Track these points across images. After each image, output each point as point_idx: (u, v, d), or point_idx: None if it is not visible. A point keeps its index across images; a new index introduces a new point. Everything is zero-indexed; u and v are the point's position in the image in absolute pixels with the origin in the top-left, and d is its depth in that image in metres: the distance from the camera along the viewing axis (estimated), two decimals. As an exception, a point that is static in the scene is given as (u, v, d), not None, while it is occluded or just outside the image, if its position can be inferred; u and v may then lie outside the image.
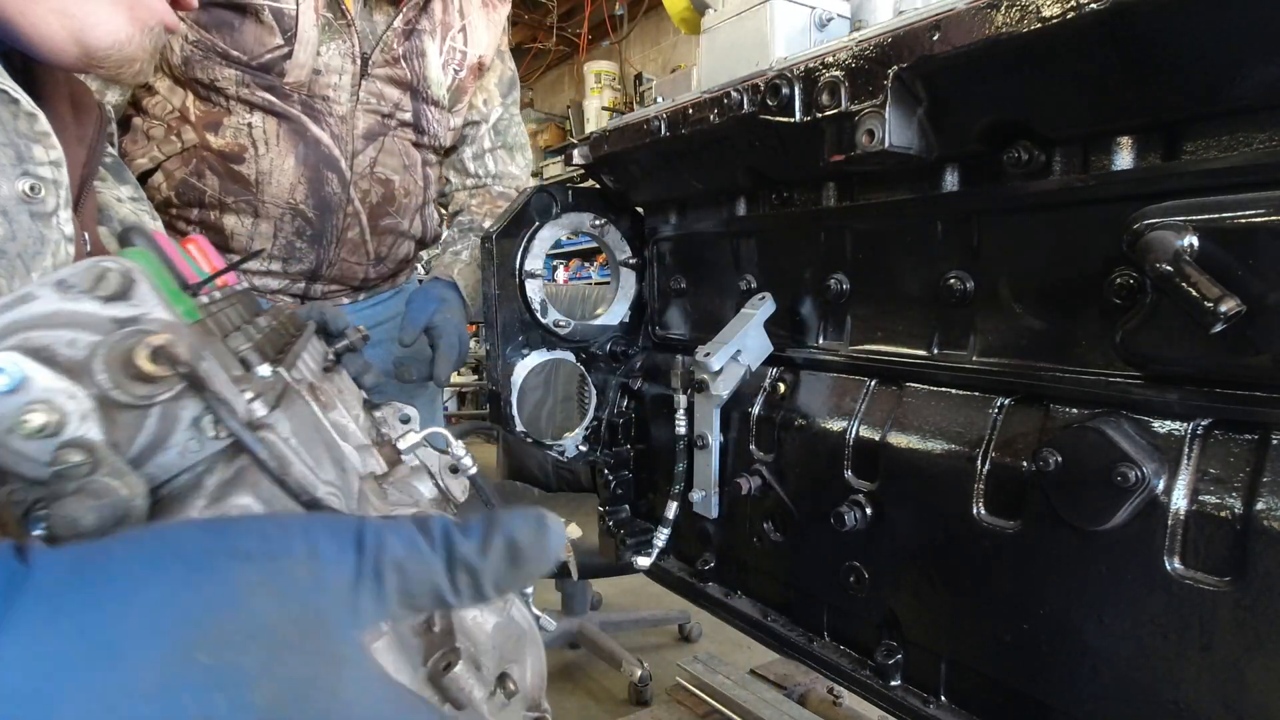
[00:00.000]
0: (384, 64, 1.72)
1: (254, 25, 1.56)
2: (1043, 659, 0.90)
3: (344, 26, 1.65)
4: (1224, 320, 0.69)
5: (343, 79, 1.68)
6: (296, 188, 1.69)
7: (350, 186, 1.76)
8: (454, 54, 1.84)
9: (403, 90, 1.78)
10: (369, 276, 1.94)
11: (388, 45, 1.71)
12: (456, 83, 1.86)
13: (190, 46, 1.56)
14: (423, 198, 1.96)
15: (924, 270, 1.06)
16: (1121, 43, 0.72)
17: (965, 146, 0.95)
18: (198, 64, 1.58)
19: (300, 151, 1.68)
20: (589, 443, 1.62)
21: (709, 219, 1.43)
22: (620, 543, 1.59)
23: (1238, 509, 0.74)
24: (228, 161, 1.64)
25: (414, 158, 1.88)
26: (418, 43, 1.75)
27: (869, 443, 1.11)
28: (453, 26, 1.83)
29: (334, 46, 1.64)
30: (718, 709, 2.41)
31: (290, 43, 1.58)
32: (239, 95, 1.61)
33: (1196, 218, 0.74)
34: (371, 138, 1.77)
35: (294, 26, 1.57)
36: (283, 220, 1.72)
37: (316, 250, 1.78)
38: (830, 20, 1.47)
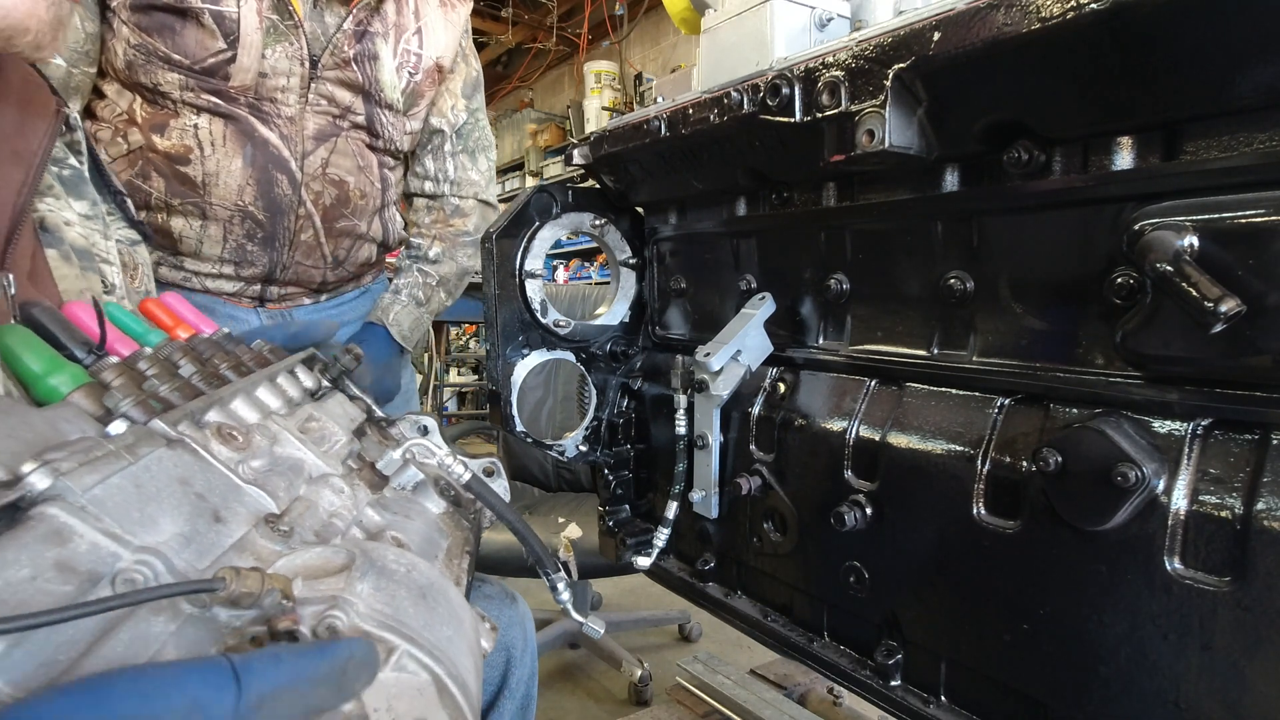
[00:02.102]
0: (334, 66, 1.70)
1: (195, 29, 1.54)
2: (1043, 659, 0.90)
3: (291, 28, 1.62)
4: (1224, 320, 0.69)
5: (290, 81, 1.65)
6: (245, 189, 1.67)
7: (301, 188, 1.73)
8: (408, 56, 1.81)
9: (354, 93, 1.75)
10: (327, 280, 1.91)
11: (338, 47, 1.68)
12: (412, 86, 1.83)
13: (132, 50, 1.54)
14: (381, 200, 1.93)
15: (924, 270, 1.06)
16: (1121, 43, 0.72)
17: (965, 146, 0.95)
18: (140, 67, 1.56)
19: (248, 152, 1.65)
20: (589, 443, 1.62)
21: (709, 219, 1.43)
22: (620, 543, 1.59)
23: (1238, 509, 0.74)
24: (173, 163, 1.62)
25: (369, 159, 1.85)
26: (369, 45, 1.72)
27: (869, 443, 1.11)
28: (407, 29, 1.79)
29: (280, 49, 1.62)
30: (718, 709, 2.41)
31: (233, 46, 1.56)
32: (183, 98, 1.60)
33: (1196, 218, 0.74)
34: (323, 138, 1.74)
35: (236, 30, 1.55)
36: (231, 223, 1.70)
37: (269, 253, 1.76)
38: (830, 20, 1.47)
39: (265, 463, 0.73)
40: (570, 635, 3.50)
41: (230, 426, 0.70)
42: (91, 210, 1.00)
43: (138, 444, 0.56)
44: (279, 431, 0.78)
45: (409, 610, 0.58)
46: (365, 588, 0.57)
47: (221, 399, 0.73)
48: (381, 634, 0.54)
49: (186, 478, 0.58)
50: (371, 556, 0.61)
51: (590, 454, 1.62)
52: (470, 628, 0.68)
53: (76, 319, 0.80)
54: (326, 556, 0.60)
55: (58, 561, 0.46)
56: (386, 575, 0.60)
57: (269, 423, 0.78)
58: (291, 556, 0.59)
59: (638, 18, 8.40)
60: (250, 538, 0.59)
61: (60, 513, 0.48)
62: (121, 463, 0.53)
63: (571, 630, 3.49)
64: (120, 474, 0.52)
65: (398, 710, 0.52)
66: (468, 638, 0.66)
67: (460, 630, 0.64)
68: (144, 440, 0.57)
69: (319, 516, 0.72)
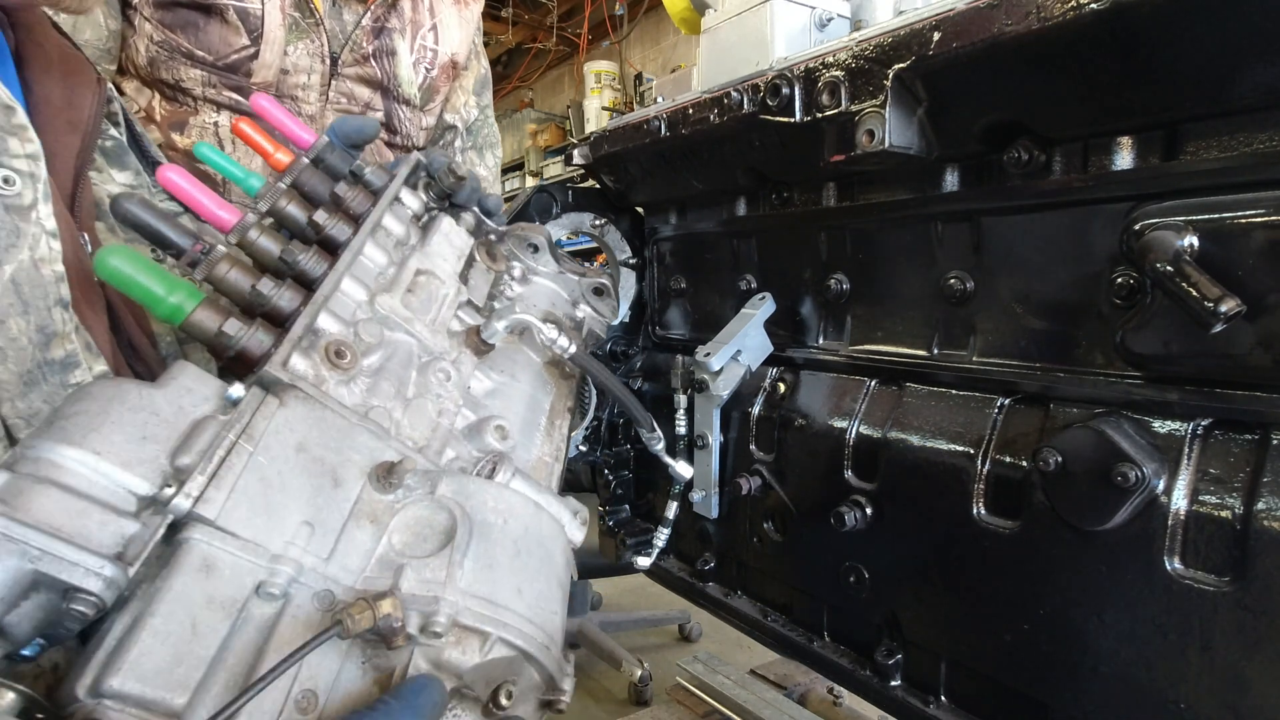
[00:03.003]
0: (354, 63, 1.70)
1: (219, 25, 1.54)
2: (1043, 659, 0.90)
3: (312, 25, 1.63)
4: (1224, 320, 0.69)
5: (311, 78, 1.66)
6: None
7: None
8: (425, 52, 1.82)
9: (373, 89, 1.76)
10: None
11: (357, 44, 1.69)
12: (428, 82, 1.85)
13: (155, 47, 1.55)
14: None
15: (924, 270, 1.06)
16: (1121, 43, 0.72)
17: (965, 146, 0.95)
18: (163, 64, 1.56)
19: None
20: (589, 443, 1.62)
21: (709, 219, 1.43)
22: (620, 543, 1.59)
23: (1238, 509, 0.74)
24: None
25: (385, 156, 1.86)
26: (387, 41, 1.73)
27: (869, 442, 1.11)
28: (423, 25, 1.81)
29: (302, 46, 1.62)
30: (718, 709, 2.41)
31: (256, 43, 1.56)
32: (205, 95, 1.59)
33: (1196, 218, 0.74)
34: None
35: (260, 26, 1.56)
36: None
37: None
38: (830, 20, 1.47)
39: (377, 359, 0.76)
40: (570, 635, 3.49)
41: (338, 342, 0.73)
42: (135, 180, 0.99)
43: (257, 418, 0.61)
44: (388, 314, 0.81)
45: (504, 578, 0.65)
46: (465, 570, 0.63)
47: (328, 297, 0.76)
48: (478, 626, 0.61)
49: (304, 442, 0.63)
50: (471, 512, 0.67)
51: (590, 454, 1.62)
52: (560, 556, 0.75)
53: (174, 187, 0.80)
54: (429, 519, 0.66)
55: (208, 598, 0.53)
56: (484, 536, 0.66)
57: (378, 303, 0.80)
58: (402, 517, 0.66)
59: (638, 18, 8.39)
60: (364, 500, 0.65)
61: (203, 540, 0.55)
62: (244, 454, 0.59)
63: (571, 630, 3.49)
64: (246, 473, 0.58)
65: (491, 677, 0.63)
66: (557, 572, 0.72)
67: (550, 567, 0.71)
68: (263, 409, 0.62)
69: (426, 420, 0.77)
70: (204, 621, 0.52)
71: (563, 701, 0.70)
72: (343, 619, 0.54)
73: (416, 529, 0.65)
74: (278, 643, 0.55)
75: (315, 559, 0.59)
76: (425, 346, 0.83)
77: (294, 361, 0.68)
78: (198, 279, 0.73)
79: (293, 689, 0.54)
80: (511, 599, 0.64)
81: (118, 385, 0.59)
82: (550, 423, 0.97)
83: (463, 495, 0.68)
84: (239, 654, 0.53)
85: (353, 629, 0.54)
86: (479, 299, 0.98)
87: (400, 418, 0.75)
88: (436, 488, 0.69)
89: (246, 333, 0.69)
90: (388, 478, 0.66)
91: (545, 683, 0.68)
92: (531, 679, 0.67)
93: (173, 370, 0.63)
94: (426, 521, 0.66)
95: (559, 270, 1.17)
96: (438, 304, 0.88)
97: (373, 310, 0.80)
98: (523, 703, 0.66)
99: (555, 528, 0.76)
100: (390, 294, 0.82)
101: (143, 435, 0.56)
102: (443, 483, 0.69)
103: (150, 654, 0.49)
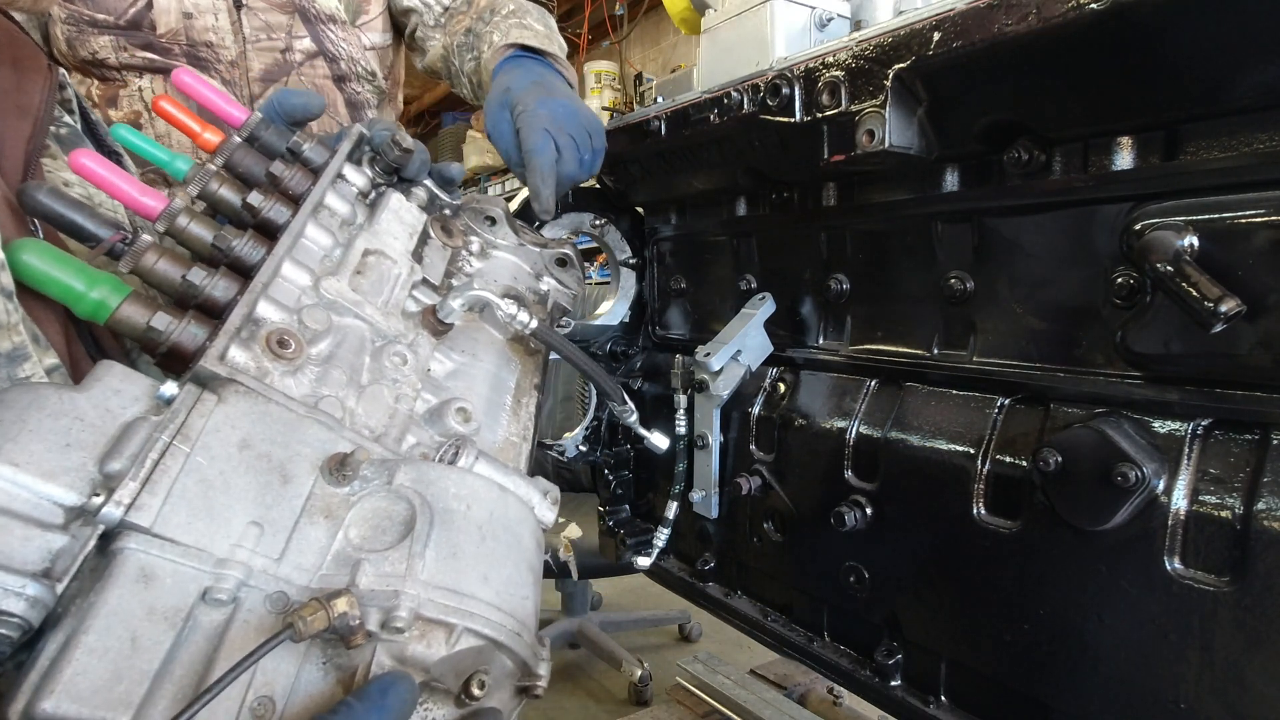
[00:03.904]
0: None
1: None
2: (1043, 659, 0.90)
3: None
4: (1224, 320, 0.69)
5: (219, 19, 1.56)
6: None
7: None
8: None
9: (289, 14, 1.62)
10: None
11: None
12: None
13: (67, 26, 1.50)
14: None
15: (924, 270, 1.06)
16: (1121, 43, 0.72)
17: (965, 146, 0.95)
18: (77, 41, 1.51)
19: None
20: (589, 443, 1.62)
21: (709, 219, 1.43)
22: (620, 543, 1.59)
23: (1238, 509, 0.74)
24: None
25: (331, 96, 1.71)
26: None
27: (869, 442, 1.11)
28: None
29: None
30: (718, 709, 2.41)
31: None
32: (121, 61, 1.53)
33: (1196, 218, 0.74)
34: (270, 79, 1.62)
35: None
36: None
37: None
38: (830, 20, 1.47)
39: (326, 346, 0.73)
40: (570, 635, 3.50)
41: (281, 331, 0.69)
42: None
43: (193, 416, 0.58)
44: (335, 298, 0.76)
45: (469, 566, 0.63)
46: (426, 561, 0.61)
47: (267, 284, 0.71)
48: (442, 618, 0.59)
49: (247, 438, 0.60)
50: (432, 501, 0.64)
51: (590, 454, 1.62)
52: (530, 538, 0.72)
53: (90, 174, 0.73)
54: (387, 510, 0.64)
55: (149, 609, 0.51)
56: (446, 524, 0.64)
57: (323, 287, 0.76)
58: (358, 510, 0.63)
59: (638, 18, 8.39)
60: (317, 494, 0.62)
61: (140, 549, 0.52)
62: (181, 456, 0.56)
63: (571, 630, 3.50)
64: (184, 475, 0.55)
65: (461, 669, 0.61)
66: (527, 556, 0.70)
67: (518, 551, 0.69)
68: (199, 407, 0.59)
69: (383, 407, 0.74)
70: (145, 634, 0.50)
71: (539, 687, 0.69)
72: (294, 621, 0.52)
73: (374, 521, 0.63)
74: (228, 650, 0.53)
75: (265, 560, 0.57)
76: (378, 330, 0.80)
77: (232, 354, 0.65)
78: (124, 271, 0.69)
79: (247, 696, 0.52)
80: (477, 587, 0.62)
81: (34, 391, 0.56)
82: (516, 401, 0.94)
83: (422, 484, 0.66)
84: (187, 665, 0.51)
85: (306, 631, 0.52)
86: (435, 277, 0.95)
87: (354, 406, 0.72)
88: (394, 477, 0.65)
89: (178, 326, 0.66)
90: (341, 470, 0.63)
91: (519, 669, 0.66)
92: (505, 666, 0.65)
93: (97, 371, 0.60)
94: (384, 513, 0.64)
95: (519, 243, 1.12)
96: (390, 285, 0.84)
97: (318, 295, 0.76)
98: (498, 691, 0.65)
99: (523, 510, 0.73)
100: (336, 277, 0.78)
101: (66, 442, 0.54)
102: (400, 471, 0.66)
103: (87, 673, 0.47)
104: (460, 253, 1.04)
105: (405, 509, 0.64)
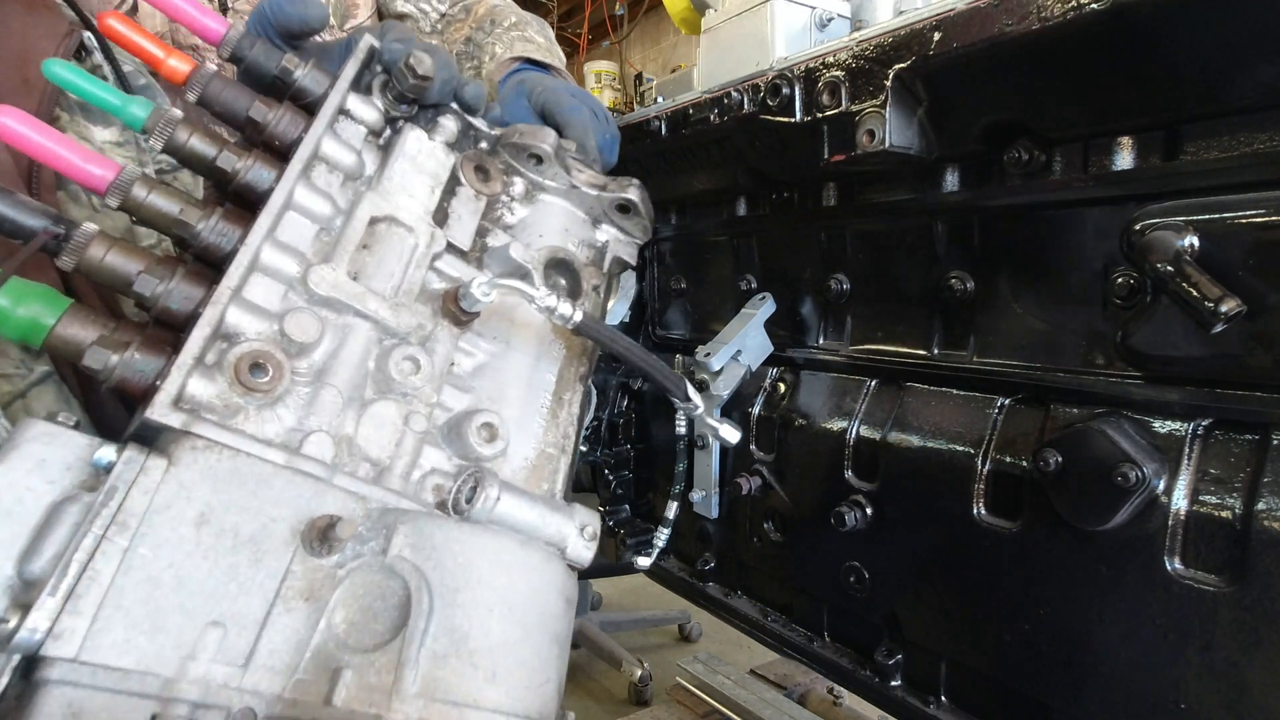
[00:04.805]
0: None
1: None
2: (1043, 659, 0.90)
3: None
4: (1224, 320, 0.69)
5: None
6: None
7: None
8: None
9: None
10: None
11: None
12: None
13: None
14: None
15: (924, 270, 1.06)
16: (1121, 43, 0.72)
17: (965, 146, 0.95)
18: None
19: None
20: (589, 443, 1.62)
21: (709, 219, 1.43)
22: (620, 543, 1.59)
23: (1238, 509, 0.74)
24: None
25: None
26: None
27: (869, 443, 1.11)
28: None
29: None
30: (718, 709, 2.41)
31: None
32: None
33: (1196, 218, 0.74)
34: None
35: None
36: None
37: None
38: (830, 20, 1.47)
39: (317, 358, 0.59)
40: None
41: (255, 355, 0.54)
42: (121, 137, 0.86)
43: (134, 493, 0.46)
44: (330, 293, 0.61)
45: (474, 664, 0.53)
46: (420, 668, 0.50)
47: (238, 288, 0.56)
48: None
49: (206, 511, 0.48)
50: (433, 580, 0.53)
51: (590, 454, 1.62)
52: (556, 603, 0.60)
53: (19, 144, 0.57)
54: (381, 588, 0.53)
55: None
56: (449, 606, 0.53)
57: (314, 280, 0.60)
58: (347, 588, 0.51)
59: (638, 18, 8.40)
60: (296, 571, 0.51)
61: (66, 682, 0.42)
62: (116, 553, 0.44)
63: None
64: (121, 577, 0.44)
65: None
66: (552, 626, 0.59)
67: (541, 623, 0.59)
68: (142, 478, 0.47)
69: (389, 430, 0.60)
70: None
71: None
72: None
73: (364, 603, 0.52)
74: None
75: (228, 669, 0.46)
76: (386, 328, 0.65)
77: (192, 389, 0.52)
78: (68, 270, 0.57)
79: None
80: (483, 689, 0.52)
81: None
82: (557, 399, 0.79)
83: (424, 552, 0.55)
84: None
85: None
86: (465, 237, 0.77)
87: (352, 432, 0.59)
88: (391, 543, 0.54)
89: (118, 361, 0.53)
90: (326, 539, 0.52)
91: None
92: None
93: (17, 434, 0.48)
94: (377, 591, 0.53)
95: (571, 184, 0.90)
96: (404, 261, 0.69)
97: (308, 291, 0.61)
98: None
99: (549, 565, 0.63)
100: (332, 264, 0.63)
101: None
102: (399, 535, 0.54)
103: None
104: (498, 200, 0.86)
105: (401, 589, 0.54)
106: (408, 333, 0.67)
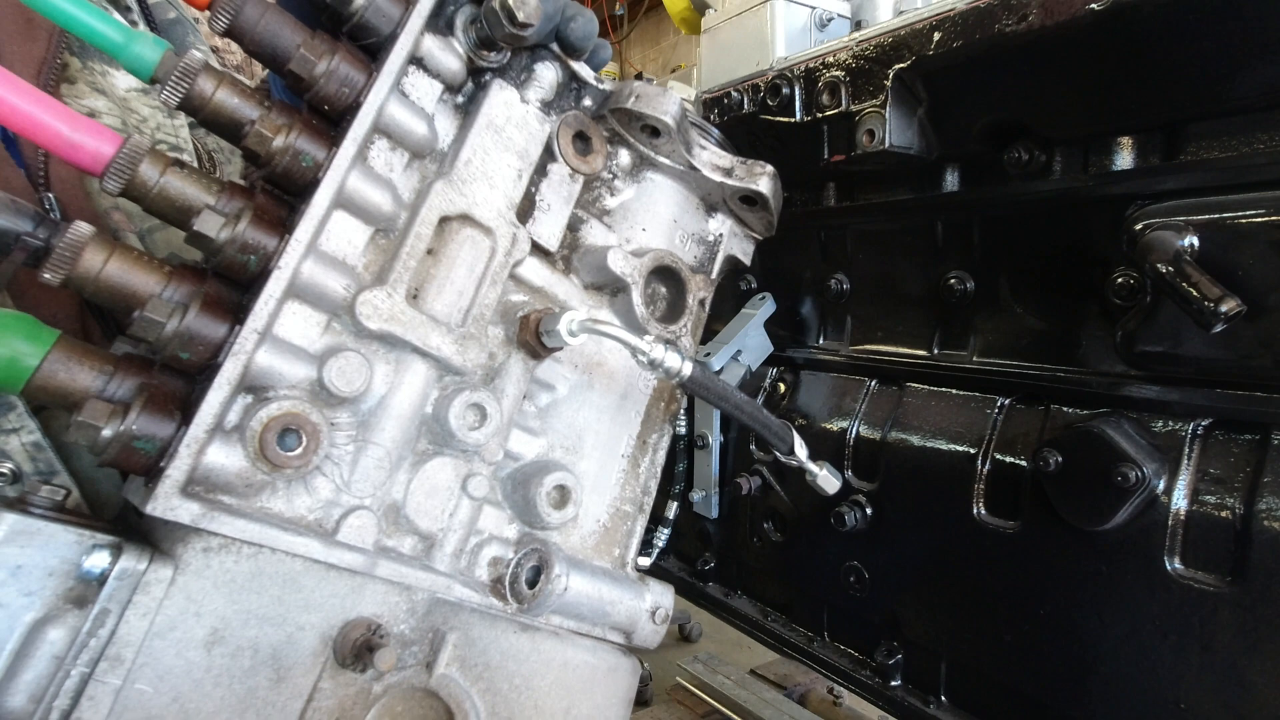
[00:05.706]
0: None
1: None
2: (1043, 659, 0.90)
3: None
4: (1224, 320, 0.69)
5: None
6: None
7: None
8: None
9: None
10: None
11: None
12: None
13: None
14: None
15: (924, 270, 1.06)
16: (1122, 43, 0.72)
17: (965, 146, 0.95)
18: None
19: None
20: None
21: (709, 219, 1.43)
22: (620, 543, 1.59)
23: (1238, 509, 0.74)
24: None
25: None
26: None
27: (869, 442, 1.11)
28: None
29: None
30: (718, 709, 2.41)
31: None
32: None
33: (1196, 218, 0.74)
34: None
35: None
36: None
37: None
38: (830, 20, 1.47)
39: (363, 411, 0.48)
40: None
41: (287, 419, 0.44)
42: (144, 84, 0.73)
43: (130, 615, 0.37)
44: (384, 327, 0.47)
45: None
46: None
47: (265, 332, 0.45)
48: None
49: (220, 628, 0.39)
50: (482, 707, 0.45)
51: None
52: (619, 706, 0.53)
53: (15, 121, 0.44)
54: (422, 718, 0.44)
55: None
56: None
57: (361, 310, 0.47)
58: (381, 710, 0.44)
59: (638, 18, 8.41)
60: (325, 689, 0.42)
61: None
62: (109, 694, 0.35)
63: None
64: None
65: None
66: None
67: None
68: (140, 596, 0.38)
69: (441, 496, 0.50)
70: None
71: None
72: None
73: None
74: None
75: None
76: (448, 364, 0.53)
77: (209, 462, 0.42)
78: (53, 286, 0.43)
79: None
80: None
81: None
82: (640, 446, 0.67)
83: (474, 671, 0.46)
84: None
85: None
86: (553, 235, 0.63)
87: (400, 498, 0.49)
88: (439, 655, 0.45)
89: (113, 433, 0.41)
90: (360, 652, 0.43)
91: None
92: None
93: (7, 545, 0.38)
94: (418, 714, 0.45)
95: (690, 164, 0.74)
96: (476, 274, 0.55)
97: (355, 323, 0.49)
98: None
99: (616, 678, 0.54)
100: (388, 286, 0.50)
101: None
102: (448, 645, 0.45)
103: None
104: (597, 178, 0.70)
105: (445, 716, 0.45)
106: (472, 371, 0.54)
